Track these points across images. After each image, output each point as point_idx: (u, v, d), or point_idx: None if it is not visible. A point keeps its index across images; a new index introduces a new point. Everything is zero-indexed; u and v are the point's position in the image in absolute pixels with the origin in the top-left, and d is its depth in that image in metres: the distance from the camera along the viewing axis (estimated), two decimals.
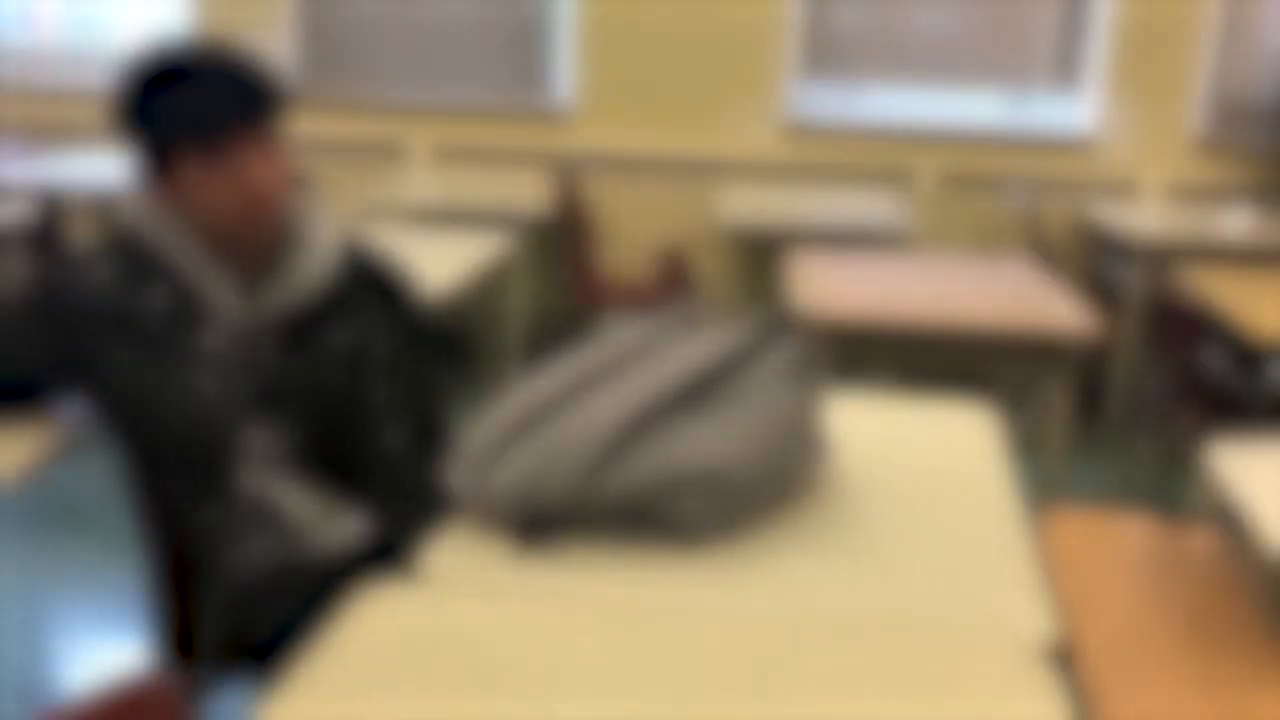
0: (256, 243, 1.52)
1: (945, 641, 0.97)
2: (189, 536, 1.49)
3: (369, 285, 1.61)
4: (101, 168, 4.17)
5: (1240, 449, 1.13)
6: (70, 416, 1.56)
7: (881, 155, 4.35)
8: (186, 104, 1.43)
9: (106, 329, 1.45)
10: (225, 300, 1.51)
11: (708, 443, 1.13)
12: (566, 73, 4.47)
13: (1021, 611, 1.03)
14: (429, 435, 1.64)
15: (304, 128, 4.81)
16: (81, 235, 4.42)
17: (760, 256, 4.26)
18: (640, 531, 1.13)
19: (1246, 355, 3.84)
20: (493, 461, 1.15)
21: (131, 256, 1.48)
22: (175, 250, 1.48)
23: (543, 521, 1.12)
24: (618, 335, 1.32)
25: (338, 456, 1.61)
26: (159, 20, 4.88)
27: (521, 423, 1.17)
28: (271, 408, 1.57)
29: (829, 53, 4.43)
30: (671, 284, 2.91)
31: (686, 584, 1.06)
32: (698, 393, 1.22)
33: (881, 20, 4.42)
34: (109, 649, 2.51)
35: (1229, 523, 1.05)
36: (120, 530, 3.05)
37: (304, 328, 1.55)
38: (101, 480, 3.34)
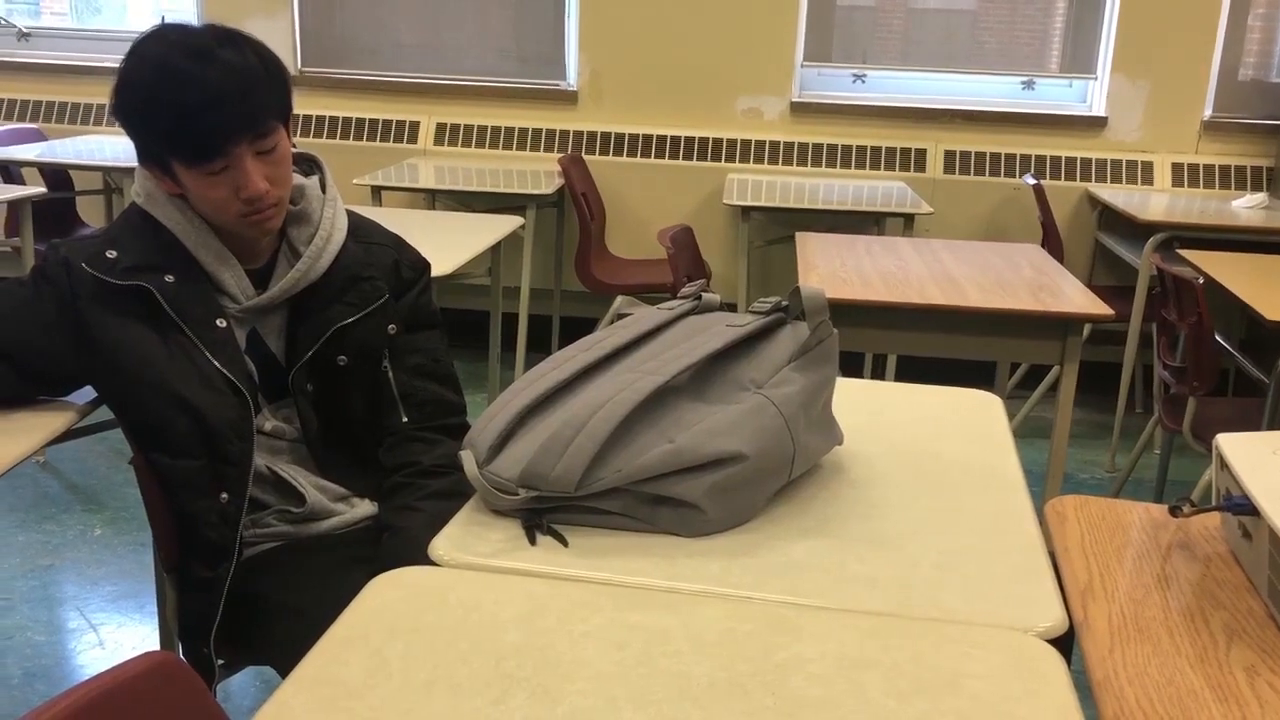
0: (259, 239, 1.53)
1: (953, 628, 0.97)
2: (197, 517, 1.50)
3: (378, 267, 1.61)
4: (112, 148, 4.16)
5: (1247, 435, 1.13)
6: (80, 396, 1.56)
7: (893, 137, 4.33)
8: (179, 123, 1.38)
9: (116, 303, 1.46)
10: (237, 281, 1.52)
11: (718, 427, 1.13)
12: (576, 54, 4.45)
13: (1030, 598, 1.03)
14: (441, 417, 1.65)
15: (312, 108, 4.79)
16: (92, 216, 4.43)
17: (771, 239, 4.25)
18: (648, 516, 1.13)
19: (1255, 337, 3.82)
20: (501, 446, 1.15)
21: (144, 234, 1.49)
22: (185, 231, 1.49)
23: (550, 506, 1.13)
24: (628, 319, 1.32)
25: (350, 437, 1.62)
26: (165, 2, 4.87)
27: (530, 407, 1.17)
28: (283, 388, 1.57)
29: (840, 34, 4.40)
30: (681, 265, 2.90)
31: (692, 566, 1.06)
32: (709, 377, 1.22)
33: (894, 2, 4.39)
34: (119, 629, 2.52)
35: (1235, 508, 1.05)
36: (129, 510, 3.07)
37: (314, 309, 1.55)
38: (111, 459, 3.36)
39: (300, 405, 1.57)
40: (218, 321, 1.49)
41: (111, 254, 1.46)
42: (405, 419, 1.61)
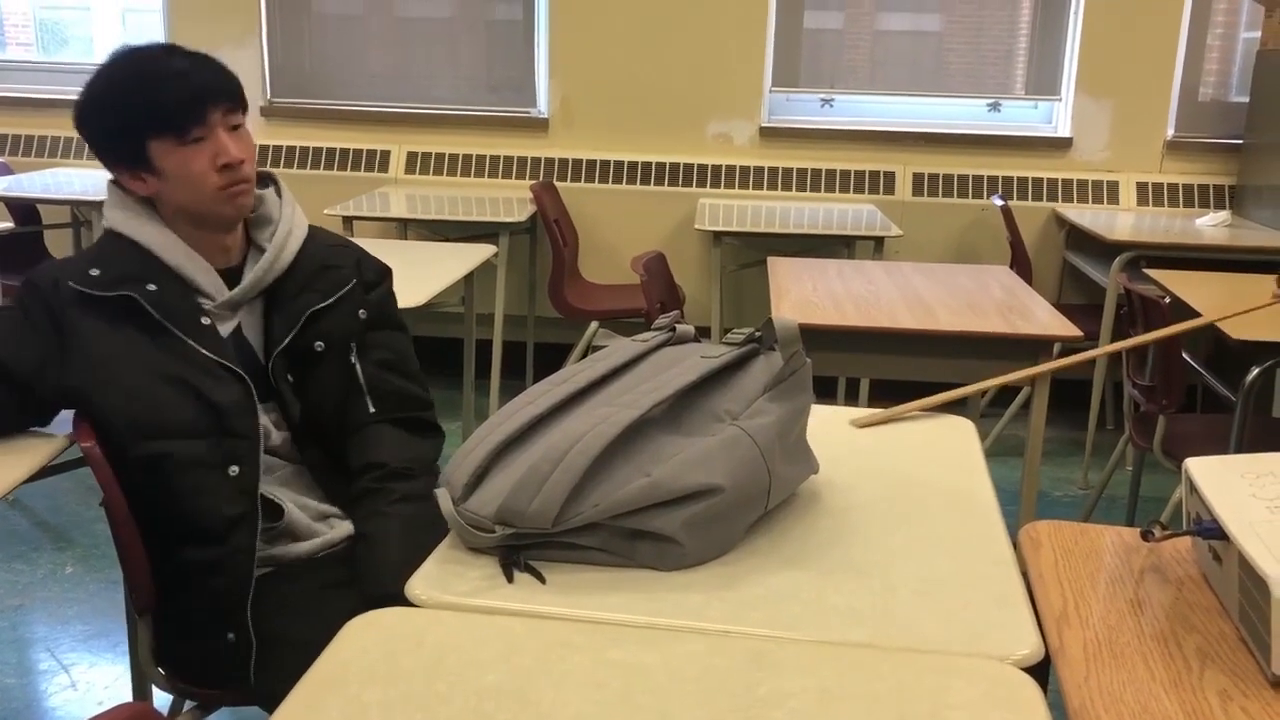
0: (234, 219, 1.59)
1: (932, 659, 0.98)
2: (211, 493, 1.50)
3: (343, 259, 1.69)
4: (80, 181, 4.14)
5: (1216, 459, 1.15)
6: (57, 426, 1.56)
7: (861, 160, 4.37)
8: (157, 90, 1.48)
9: (105, 315, 1.50)
10: (210, 279, 1.57)
11: (694, 459, 1.14)
12: (546, 81, 4.47)
13: (1007, 626, 1.04)
14: (406, 409, 1.69)
15: (282, 139, 4.78)
16: (60, 250, 4.39)
17: (743, 263, 4.27)
18: (626, 551, 1.13)
19: (1222, 354, 3.87)
20: (477, 483, 1.15)
21: (121, 251, 1.54)
22: (157, 240, 1.54)
23: (527, 543, 1.12)
24: (602, 352, 1.32)
25: (328, 437, 1.65)
26: (133, 36, 4.86)
27: (506, 443, 1.17)
28: (267, 389, 1.59)
29: (807, 59, 4.44)
30: (655, 291, 2.91)
31: (671, 601, 1.07)
32: (684, 409, 1.22)
33: (860, 26, 4.44)
34: (91, 670, 2.49)
35: (1205, 533, 1.07)
36: (100, 547, 3.03)
37: (286, 299, 1.61)
38: (81, 495, 3.32)
39: (283, 392, 1.60)
40: (202, 320, 1.55)
41: (95, 271, 1.51)
42: (372, 409, 1.65)
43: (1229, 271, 3.18)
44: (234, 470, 1.51)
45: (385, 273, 1.75)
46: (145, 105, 1.48)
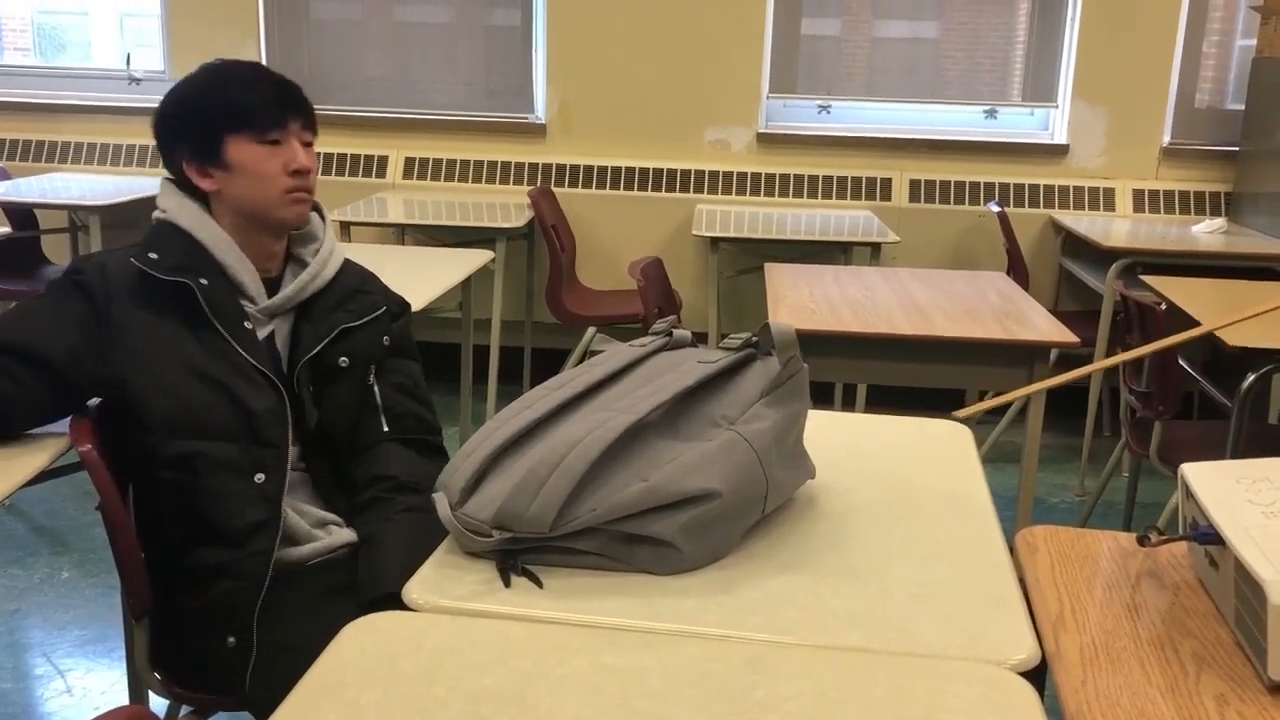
0: (290, 225, 1.63)
1: (928, 663, 0.98)
2: (234, 497, 1.51)
3: (372, 292, 1.73)
4: (78, 186, 4.14)
5: (1212, 464, 1.15)
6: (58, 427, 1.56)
7: (858, 167, 4.38)
8: (247, 91, 1.57)
9: (154, 302, 1.52)
10: (254, 284, 1.61)
11: (691, 464, 1.14)
12: (544, 87, 4.47)
13: (1004, 630, 1.04)
14: (418, 432, 1.72)
15: None
16: (58, 255, 4.39)
17: (740, 269, 4.28)
18: (624, 555, 1.13)
19: (1218, 361, 3.88)
20: (474, 488, 1.15)
21: (175, 241, 1.57)
22: (209, 235, 1.58)
23: (525, 547, 1.13)
24: (599, 356, 1.32)
25: (337, 453, 1.66)
26: (131, 41, 4.87)
27: (503, 447, 1.17)
28: (289, 395, 1.60)
29: (805, 65, 4.45)
30: (652, 296, 2.92)
31: (668, 605, 1.07)
32: (681, 414, 1.22)
33: (857, 33, 4.45)
34: (87, 675, 2.49)
35: (1202, 538, 1.07)
36: (97, 552, 3.03)
37: (318, 314, 1.65)
38: (78, 500, 3.31)
39: (303, 401, 1.62)
40: (245, 323, 1.57)
41: (154, 255, 1.54)
42: (386, 428, 1.68)
43: (1225, 278, 3.19)
44: (260, 478, 1.53)
45: (406, 307, 1.81)
46: (231, 103, 1.56)
